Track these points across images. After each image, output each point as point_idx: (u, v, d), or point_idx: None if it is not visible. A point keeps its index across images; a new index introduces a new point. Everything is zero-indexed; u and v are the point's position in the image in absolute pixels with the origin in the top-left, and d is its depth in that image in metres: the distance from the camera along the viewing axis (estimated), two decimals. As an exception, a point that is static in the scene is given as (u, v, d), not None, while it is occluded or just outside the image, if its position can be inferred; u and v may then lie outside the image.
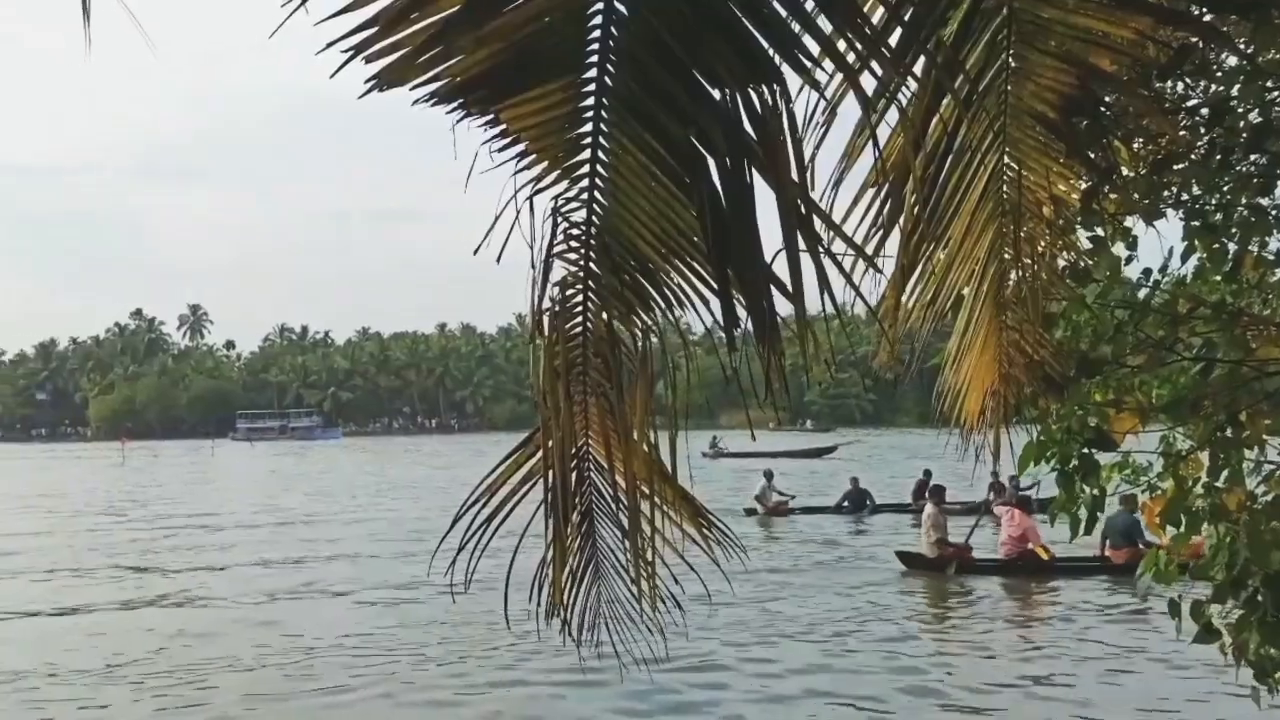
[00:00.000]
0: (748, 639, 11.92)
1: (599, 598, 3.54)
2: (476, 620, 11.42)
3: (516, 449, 3.31)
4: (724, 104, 2.29)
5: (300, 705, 9.05)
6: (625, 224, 2.77)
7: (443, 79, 2.47)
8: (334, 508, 30.56)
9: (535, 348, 2.93)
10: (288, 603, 14.31)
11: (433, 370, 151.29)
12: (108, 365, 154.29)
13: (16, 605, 14.76)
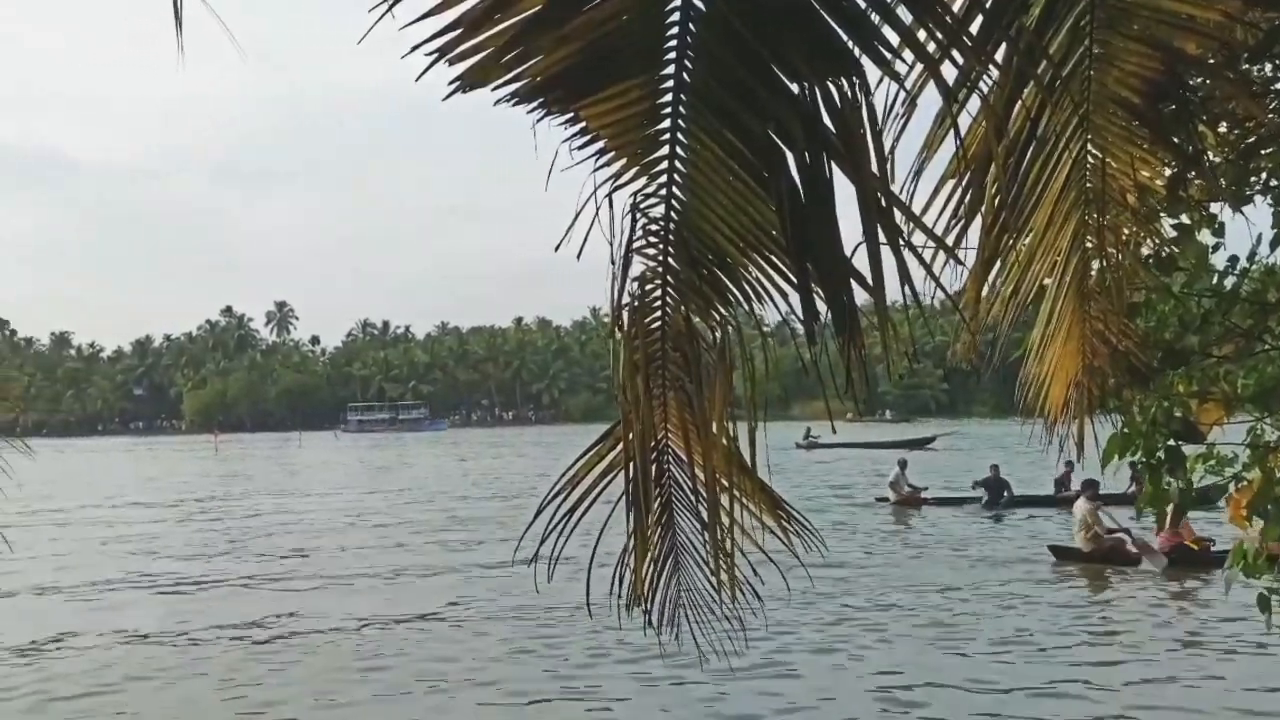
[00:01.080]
0: (869, 632, 11.61)
1: (679, 589, 3.58)
2: (561, 610, 11.53)
3: (597, 442, 3.36)
4: (802, 97, 2.29)
5: (373, 692, 9.26)
6: (703, 219, 2.79)
7: (523, 79, 2.53)
8: (415, 497, 31.14)
9: (615, 342, 2.97)
10: (383, 581, 14.69)
11: (510, 363, 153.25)
12: (200, 361, 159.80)
13: (164, 580, 15.54)
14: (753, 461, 2.99)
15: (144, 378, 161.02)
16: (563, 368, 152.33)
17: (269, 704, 8.84)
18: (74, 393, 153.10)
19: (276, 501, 31.03)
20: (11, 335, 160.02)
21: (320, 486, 37.49)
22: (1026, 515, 22.64)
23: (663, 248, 2.90)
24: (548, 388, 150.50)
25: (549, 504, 3.26)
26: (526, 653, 10.40)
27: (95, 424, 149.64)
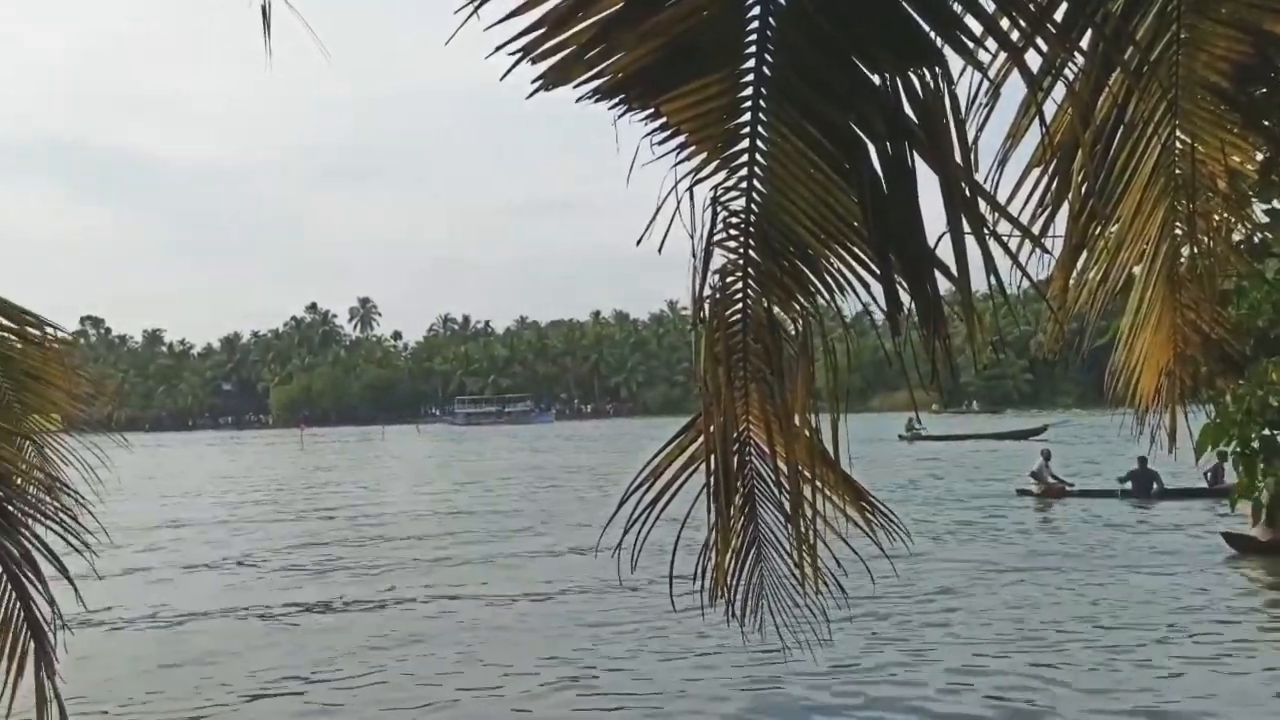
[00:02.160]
0: (1020, 631, 11.15)
1: (761, 580, 3.60)
2: (644, 601, 11.60)
3: (679, 434, 3.40)
4: (884, 88, 2.30)
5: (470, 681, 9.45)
6: (784, 211, 2.80)
7: (605, 76, 2.57)
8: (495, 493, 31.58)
9: (696, 335, 3.01)
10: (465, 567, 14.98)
11: (588, 357, 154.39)
12: (286, 356, 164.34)
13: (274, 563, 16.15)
14: (835, 453, 2.99)
15: (232, 374, 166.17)
16: (640, 361, 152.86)
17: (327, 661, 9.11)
18: (165, 389, 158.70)
19: (365, 493, 31.74)
20: (106, 333, 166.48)
21: (406, 478, 38.25)
22: (1181, 507, 21.47)
23: (743, 240, 2.92)
24: (625, 381, 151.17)
25: (631, 495, 3.32)
26: (606, 641, 10.51)
27: (186, 419, 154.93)
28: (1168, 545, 16.97)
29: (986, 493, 26.19)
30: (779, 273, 2.92)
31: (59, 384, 5.03)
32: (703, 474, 3.25)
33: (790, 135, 2.61)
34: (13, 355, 4.81)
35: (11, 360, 4.79)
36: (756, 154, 2.71)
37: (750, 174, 2.76)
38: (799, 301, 3.00)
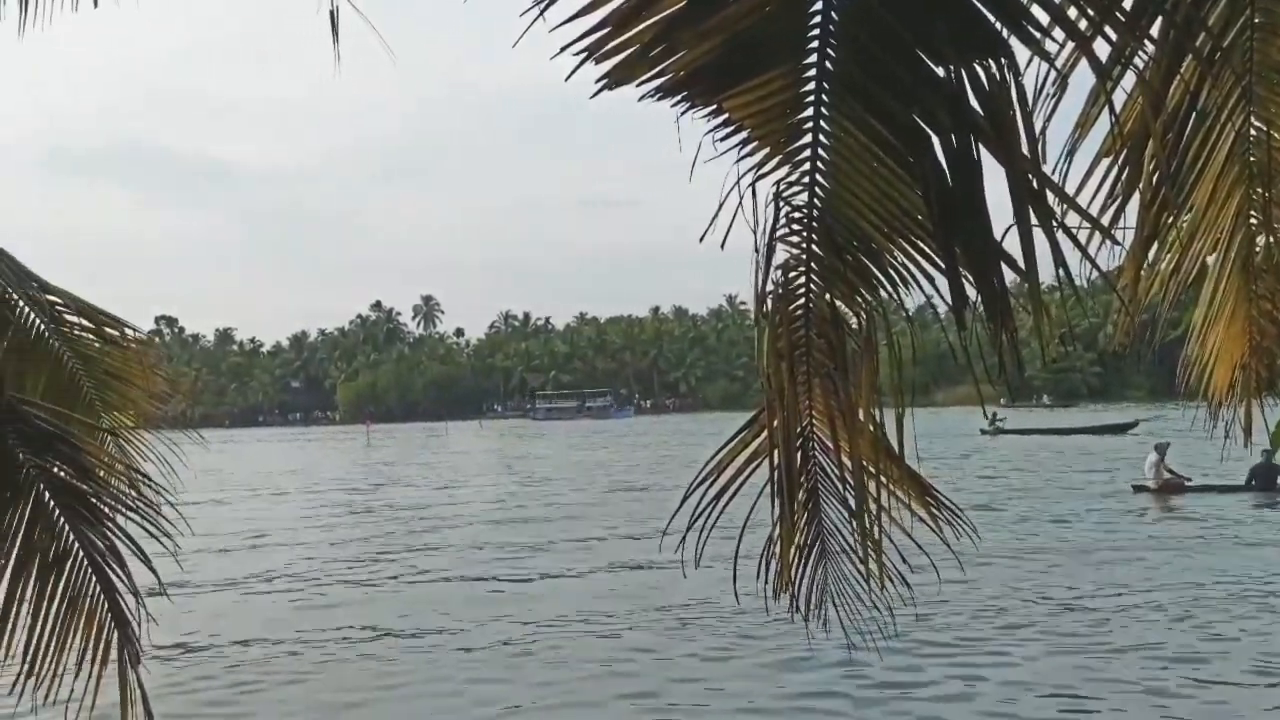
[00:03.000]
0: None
1: (825, 575, 3.60)
2: (709, 594, 11.59)
3: (741, 430, 3.41)
4: (948, 80, 2.28)
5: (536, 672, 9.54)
6: (847, 205, 2.80)
7: (668, 74, 2.59)
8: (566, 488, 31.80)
9: (759, 330, 3.01)
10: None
11: (647, 352, 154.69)
12: (352, 354, 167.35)
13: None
14: (900, 448, 2.98)
15: (300, 371, 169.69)
16: (699, 356, 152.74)
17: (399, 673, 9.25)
18: (237, 386, 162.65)
19: (433, 491, 32.11)
20: (179, 332, 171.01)
21: (470, 474, 38.67)
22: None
23: (806, 235, 2.92)
24: (684, 376, 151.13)
25: (694, 490, 3.34)
26: (673, 633, 10.53)
27: (256, 415, 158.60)
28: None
29: (1097, 489, 24.79)
30: (842, 267, 2.91)
31: (137, 382, 5.20)
32: (765, 470, 3.26)
33: (853, 129, 2.60)
34: (94, 355, 4.99)
35: (93, 359, 4.97)
36: (819, 149, 2.71)
37: (813, 169, 2.76)
38: (862, 296, 2.99)
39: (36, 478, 3.38)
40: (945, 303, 2.52)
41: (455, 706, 8.30)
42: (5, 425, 3.28)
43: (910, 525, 3.19)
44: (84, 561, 3.48)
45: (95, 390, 4.97)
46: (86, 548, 3.46)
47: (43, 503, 3.39)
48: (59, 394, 4.62)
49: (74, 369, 4.77)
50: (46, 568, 3.43)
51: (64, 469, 3.46)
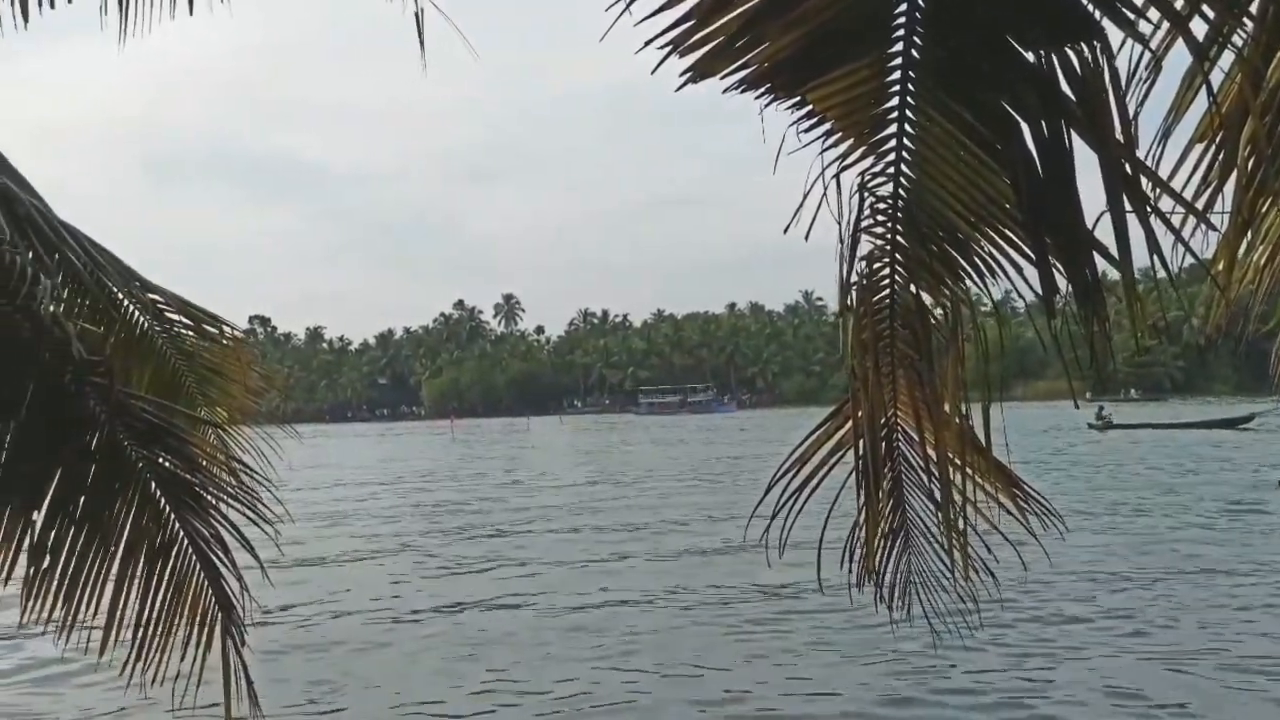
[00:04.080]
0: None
1: (909, 566, 3.57)
2: (792, 583, 11.53)
3: (824, 421, 3.41)
4: (1038, 66, 2.24)
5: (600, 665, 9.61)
6: (933, 195, 2.77)
7: (751, 66, 2.60)
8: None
9: (843, 322, 3.00)
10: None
11: (723, 348, 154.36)
12: (436, 351, 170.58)
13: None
14: (987, 439, 2.94)
15: (387, 368, 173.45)
16: (776, 351, 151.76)
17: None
18: (327, 383, 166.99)
19: (519, 484, 32.48)
20: (272, 331, 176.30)
21: (552, 468, 39.05)
22: None
23: (891, 225, 2.90)
24: (761, 371, 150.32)
25: (778, 481, 3.34)
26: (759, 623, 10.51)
27: (345, 411, 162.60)
28: None
29: (1234, 486, 23.04)
30: (928, 257, 2.88)
31: (235, 378, 5.40)
32: (848, 461, 3.25)
33: (939, 118, 2.58)
34: (194, 351, 5.19)
35: (193, 356, 5.18)
36: (904, 138, 2.69)
37: (898, 159, 2.74)
38: (948, 286, 2.96)
39: (144, 468, 3.53)
40: (1035, 293, 2.48)
41: (530, 689, 8.40)
42: (115, 418, 3.44)
43: (998, 517, 3.14)
44: (189, 548, 3.63)
45: (196, 385, 5.17)
46: (191, 535, 3.60)
47: (150, 492, 3.54)
48: (162, 388, 4.82)
49: (176, 365, 4.97)
50: (154, 554, 3.59)
51: (170, 460, 3.61)
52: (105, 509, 3.41)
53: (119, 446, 3.44)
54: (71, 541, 3.35)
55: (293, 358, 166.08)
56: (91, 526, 3.38)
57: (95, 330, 3.99)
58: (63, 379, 3.20)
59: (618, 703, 8.01)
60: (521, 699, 8.18)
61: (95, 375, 3.28)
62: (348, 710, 8.07)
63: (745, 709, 7.73)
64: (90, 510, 3.37)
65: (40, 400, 3.19)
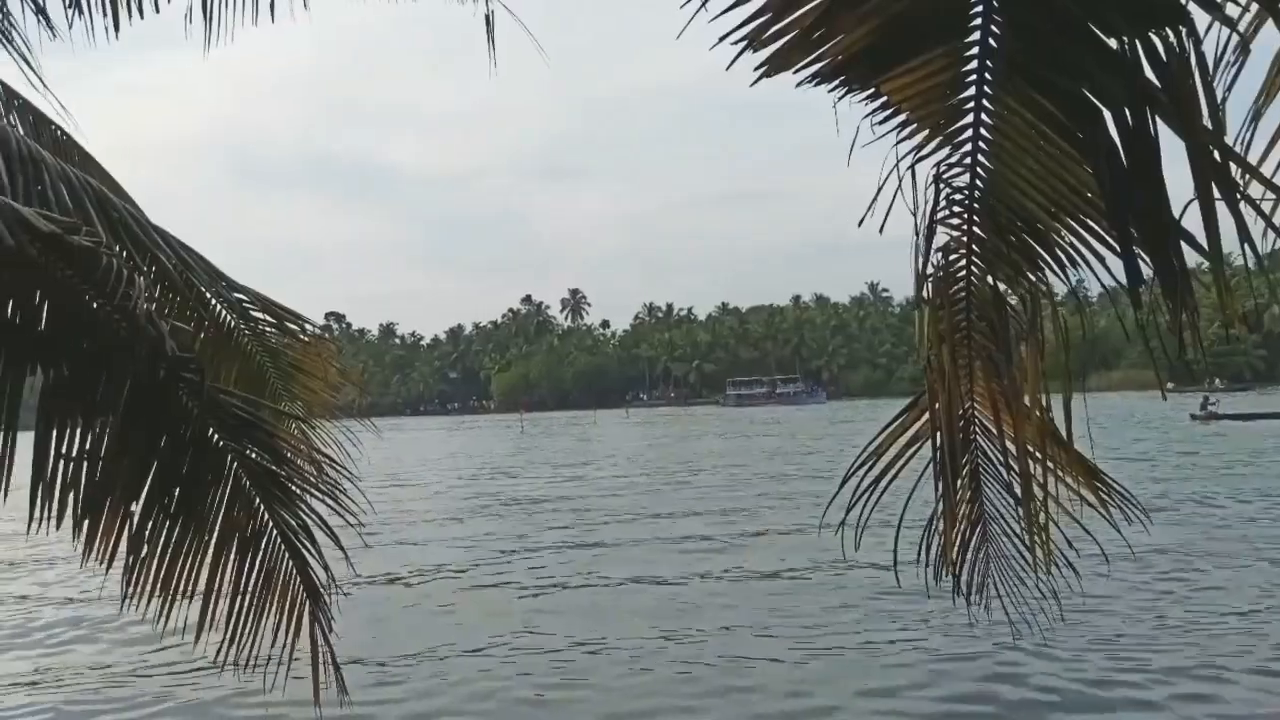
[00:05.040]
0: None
1: (987, 558, 3.54)
2: (867, 575, 11.43)
3: (900, 414, 3.39)
4: (1121, 52, 2.21)
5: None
6: (1011, 185, 2.74)
7: (826, 59, 2.60)
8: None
9: (919, 314, 2.99)
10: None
11: (789, 341, 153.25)
12: (505, 346, 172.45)
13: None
14: (1068, 432, 2.90)
15: (457, 363, 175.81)
16: (841, 344, 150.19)
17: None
18: (399, 377, 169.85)
19: (585, 472, 32.71)
20: (347, 327, 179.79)
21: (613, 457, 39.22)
22: None
23: (967, 217, 2.88)
24: (827, 364, 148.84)
25: (853, 474, 3.34)
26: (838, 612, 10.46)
27: (417, 405, 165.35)
28: None
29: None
30: (1005, 248, 2.86)
31: (315, 373, 5.55)
32: (924, 454, 3.23)
33: (1018, 107, 2.55)
34: (279, 349, 5.35)
35: (277, 353, 5.33)
36: (981, 129, 2.66)
37: (975, 149, 2.71)
38: (1027, 277, 2.92)
39: (234, 461, 3.65)
40: (1119, 283, 2.44)
41: (617, 689, 8.47)
42: (207, 413, 3.56)
43: (1080, 511, 3.10)
44: (277, 538, 3.74)
45: (280, 380, 5.33)
46: (280, 525, 3.72)
47: (240, 484, 3.66)
48: (249, 384, 4.98)
49: (261, 361, 5.13)
50: (245, 544, 3.71)
51: (258, 453, 3.73)
52: (199, 500, 3.53)
53: (210, 440, 3.56)
54: (167, 532, 3.48)
55: (367, 353, 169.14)
56: (186, 517, 3.51)
57: (186, 328, 4.13)
58: (157, 376, 3.32)
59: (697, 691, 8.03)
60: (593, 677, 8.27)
61: (187, 372, 3.40)
62: (430, 693, 8.23)
63: (813, 703, 7.70)
64: (185, 502, 3.50)
65: (137, 396, 3.32)
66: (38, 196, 3.37)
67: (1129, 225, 2.29)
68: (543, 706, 7.70)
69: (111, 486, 3.36)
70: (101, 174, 4.58)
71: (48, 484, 3.20)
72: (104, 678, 8.93)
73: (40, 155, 3.47)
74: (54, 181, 3.42)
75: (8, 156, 3.32)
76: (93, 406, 3.27)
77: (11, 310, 3.20)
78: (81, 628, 11.03)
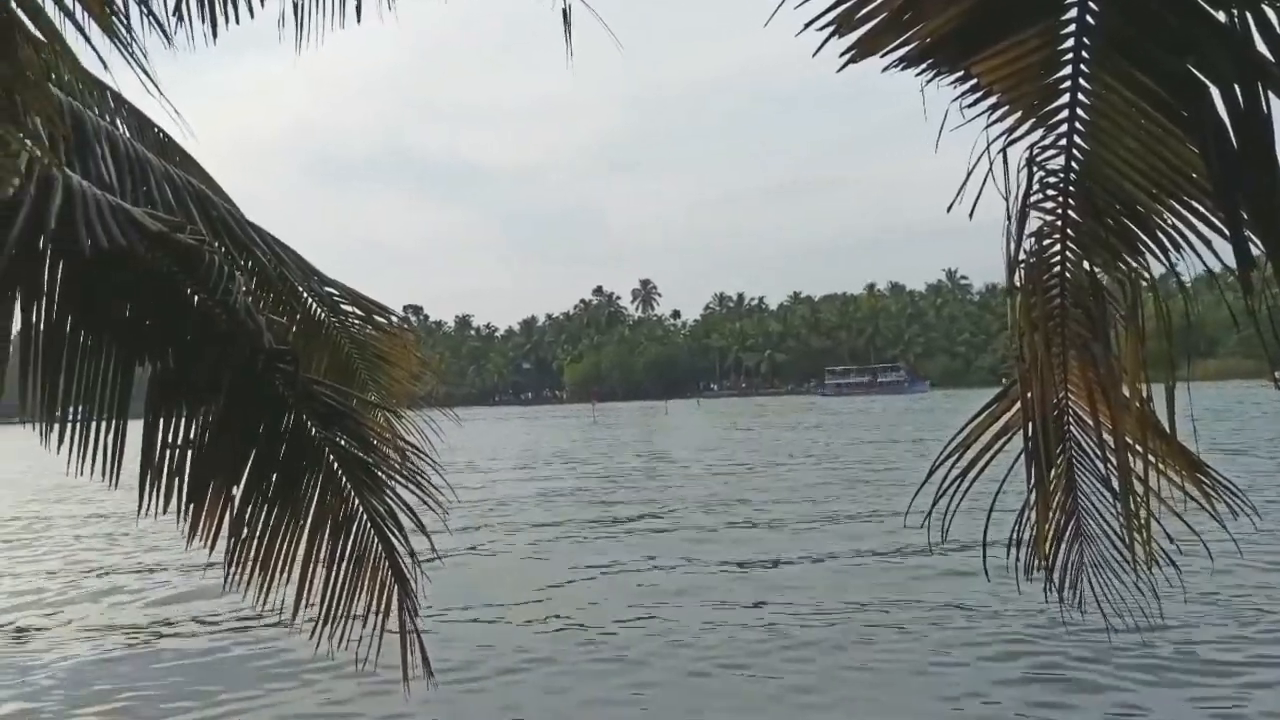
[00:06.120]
0: None
1: (1081, 554, 3.45)
2: (955, 569, 11.25)
3: (990, 404, 3.32)
4: (1230, 25, 2.13)
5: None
6: (1109, 166, 2.67)
7: (914, 42, 2.56)
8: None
9: (1010, 301, 2.93)
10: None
11: (862, 330, 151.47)
12: (576, 337, 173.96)
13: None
14: (1170, 423, 2.81)
15: (530, 353, 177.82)
16: (918, 332, 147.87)
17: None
18: (475, 368, 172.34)
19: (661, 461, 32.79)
20: (425, 320, 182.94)
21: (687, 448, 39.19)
22: None
23: (1062, 200, 2.80)
24: (902, 353, 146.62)
25: (940, 465, 3.28)
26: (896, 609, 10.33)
27: (492, 395, 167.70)
28: None
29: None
30: (1103, 232, 2.78)
31: (401, 364, 5.67)
32: (1014, 446, 3.16)
33: (1117, 85, 2.48)
34: (366, 340, 5.48)
35: (366, 345, 5.46)
36: (1077, 108, 2.59)
37: (1070, 130, 2.64)
38: (1125, 262, 2.84)
39: (326, 448, 3.75)
40: (1225, 266, 2.36)
41: (703, 685, 8.49)
42: (301, 402, 3.66)
43: (1184, 506, 3.00)
44: (367, 523, 3.84)
45: (366, 371, 5.45)
46: (369, 511, 3.81)
47: (332, 471, 3.76)
48: (338, 374, 5.11)
49: (349, 352, 5.26)
50: (337, 528, 3.81)
51: (348, 441, 3.82)
52: (294, 486, 3.64)
53: (304, 428, 3.66)
54: (265, 516, 3.59)
55: (443, 345, 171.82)
56: (282, 502, 3.62)
57: (281, 321, 4.25)
58: (255, 366, 3.43)
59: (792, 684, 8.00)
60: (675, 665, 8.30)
61: (283, 363, 3.50)
62: (513, 676, 8.35)
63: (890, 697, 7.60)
64: (281, 487, 3.61)
65: (236, 386, 3.43)
66: (144, 197, 3.50)
67: (1238, 206, 2.21)
68: (634, 700, 7.72)
69: (214, 472, 3.49)
70: (201, 174, 4.73)
71: (155, 470, 3.33)
72: (202, 652, 9.25)
73: (146, 157, 3.60)
74: (159, 182, 3.55)
75: (117, 159, 3.46)
76: (196, 396, 3.39)
77: (122, 306, 3.33)
78: (182, 602, 11.50)
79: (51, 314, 3.21)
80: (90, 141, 3.63)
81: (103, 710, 7.57)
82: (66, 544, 17.16)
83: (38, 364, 3.19)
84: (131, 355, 3.33)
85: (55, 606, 11.74)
